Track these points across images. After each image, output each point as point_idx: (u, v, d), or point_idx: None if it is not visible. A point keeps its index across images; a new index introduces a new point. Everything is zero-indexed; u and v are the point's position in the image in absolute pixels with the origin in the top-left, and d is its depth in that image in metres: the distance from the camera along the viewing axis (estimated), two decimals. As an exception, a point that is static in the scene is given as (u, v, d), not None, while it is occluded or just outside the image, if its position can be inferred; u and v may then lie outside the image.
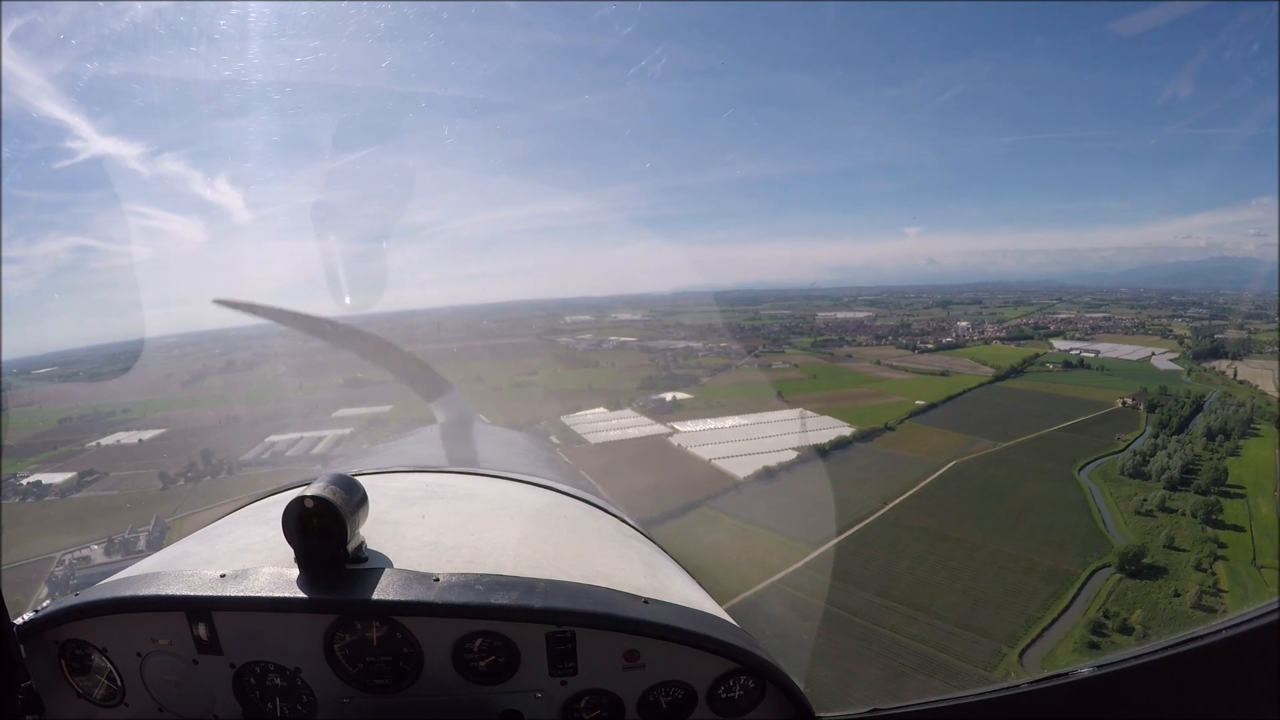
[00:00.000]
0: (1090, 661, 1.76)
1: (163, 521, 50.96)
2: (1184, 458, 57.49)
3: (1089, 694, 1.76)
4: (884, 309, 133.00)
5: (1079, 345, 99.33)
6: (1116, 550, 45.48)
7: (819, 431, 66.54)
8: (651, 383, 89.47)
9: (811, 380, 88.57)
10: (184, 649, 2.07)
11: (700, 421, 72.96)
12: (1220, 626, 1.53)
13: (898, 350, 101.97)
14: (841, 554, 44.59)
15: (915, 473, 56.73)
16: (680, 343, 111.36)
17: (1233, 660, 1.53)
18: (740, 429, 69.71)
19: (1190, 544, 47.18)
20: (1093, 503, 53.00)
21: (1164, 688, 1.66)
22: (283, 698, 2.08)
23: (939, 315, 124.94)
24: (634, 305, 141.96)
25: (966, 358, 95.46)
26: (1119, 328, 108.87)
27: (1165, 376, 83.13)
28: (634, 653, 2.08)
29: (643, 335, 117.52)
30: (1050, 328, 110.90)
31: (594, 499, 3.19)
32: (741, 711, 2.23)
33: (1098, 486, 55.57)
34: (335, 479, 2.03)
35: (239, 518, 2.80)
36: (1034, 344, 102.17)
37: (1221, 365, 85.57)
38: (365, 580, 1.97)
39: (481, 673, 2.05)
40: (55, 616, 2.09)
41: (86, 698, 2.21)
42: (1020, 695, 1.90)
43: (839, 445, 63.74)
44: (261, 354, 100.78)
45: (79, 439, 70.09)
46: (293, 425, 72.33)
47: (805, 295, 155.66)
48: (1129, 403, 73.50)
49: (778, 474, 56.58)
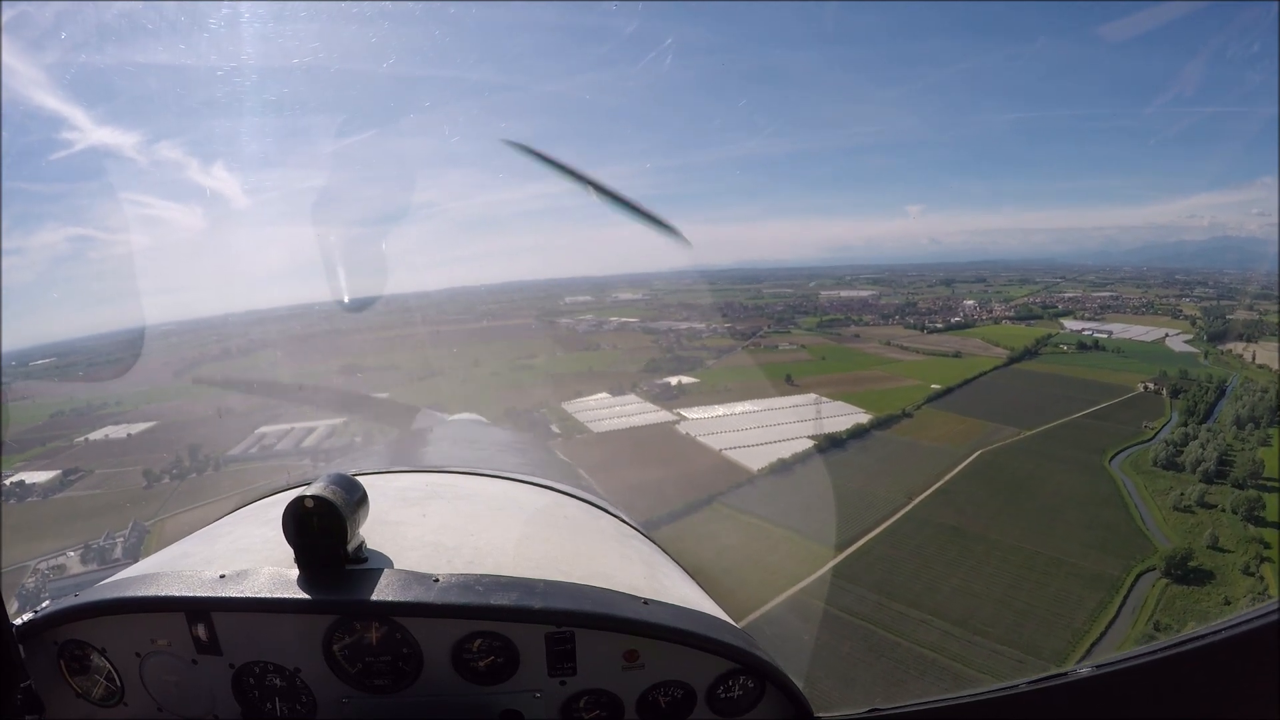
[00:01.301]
0: (1090, 661, 1.73)
1: (141, 525, 48.80)
2: (1218, 448, 54.18)
3: (1089, 694, 1.73)
4: (887, 288, 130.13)
5: (1090, 325, 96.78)
6: (1161, 553, 41.96)
7: (834, 419, 62.48)
8: (655, 366, 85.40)
9: (820, 362, 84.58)
10: (183, 649, 2.04)
11: (708, 408, 68.82)
12: (1220, 626, 1.52)
13: (906, 330, 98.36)
14: (869, 558, 40.77)
15: (939, 464, 52.87)
16: (683, 324, 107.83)
17: (1233, 660, 1.52)
18: (751, 416, 65.67)
19: (1235, 544, 43.85)
20: (1128, 497, 49.44)
21: (1164, 688, 1.63)
22: (282, 698, 2.04)
23: (944, 294, 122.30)
24: (635, 285, 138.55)
25: (977, 338, 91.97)
26: (1127, 307, 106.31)
27: (1182, 359, 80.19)
28: (633, 653, 2.04)
29: (644, 316, 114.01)
30: (1059, 307, 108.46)
31: (594, 499, 3.08)
32: (741, 711, 2.17)
33: (1131, 479, 52.14)
34: (335, 479, 1.99)
35: (239, 518, 2.73)
36: (1044, 324, 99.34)
37: (1237, 348, 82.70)
38: (365, 580, 1.94)
39: (481, 673, 2.01)
40: (55, 617, 2.07)
41: (86, 698, 2.17)
42: (1020, 695, 1.87)
43: (856, 434, 59.67)
44: (258, 340, 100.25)
45: (68, 434, 67.79)
46: (284, 415, 69.26)
47: (807, 274, 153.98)
48: (1151, 387, 70.37)
49: (793, 466, 52.45)
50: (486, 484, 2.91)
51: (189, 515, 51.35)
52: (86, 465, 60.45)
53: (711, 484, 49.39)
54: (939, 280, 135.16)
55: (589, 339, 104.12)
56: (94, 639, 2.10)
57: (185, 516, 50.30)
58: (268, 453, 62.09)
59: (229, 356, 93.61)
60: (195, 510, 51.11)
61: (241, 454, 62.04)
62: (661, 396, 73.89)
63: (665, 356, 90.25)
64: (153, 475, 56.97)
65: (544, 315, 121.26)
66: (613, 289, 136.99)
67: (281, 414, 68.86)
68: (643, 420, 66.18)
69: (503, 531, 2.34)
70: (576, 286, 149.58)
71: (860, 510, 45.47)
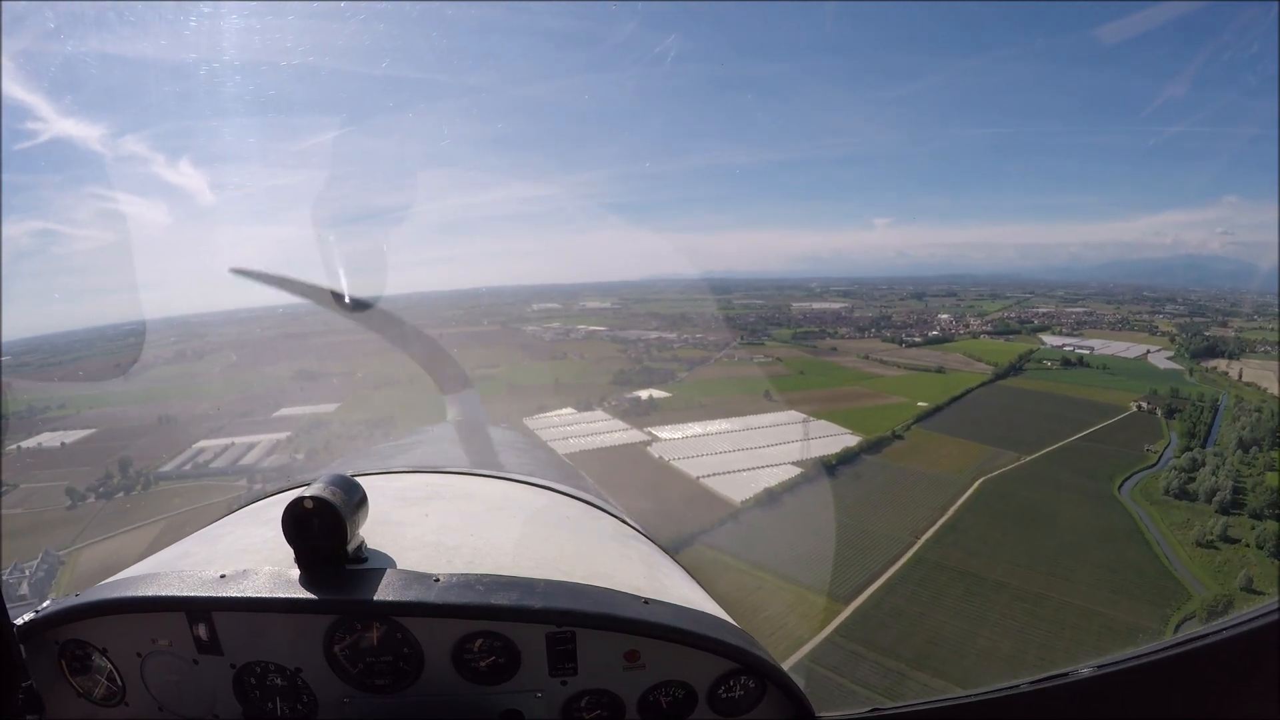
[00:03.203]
0: (1090, 661, 1.68)
1: (54, 555, 44.44)
2: (1229, 475, 50.02)
3: (1089, 694, 1.70)
4: (859, 300, 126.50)
5: (1070, 341, 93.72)
6: (1200, 600, 36.70)
7: (820, 440, 55.99)
8: (624, 378, 78.57)
9: (799, 377, 78.64)
10: (184, 649, 2.00)
11: (682, 426, 61.83)
12: (1220, 626, 1.49)
13: (884, 344, 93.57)
14: (880, 613, 34.09)
15: (941, 494, 46.78)
16: (653, 333, 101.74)
17: (1233, 660, 1.50)
18: (729, 436, 58.89)
19: (1269, 584, 39.18)
20: (1147, 531, 44.23)
21: (1164, 688, 1.61)
22: (283, 698, 2.00)
23: (916, 307, 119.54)
24: (604, 293, 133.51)
25: (958, 353, 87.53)
26: (1103, 323, 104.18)
27: (1167, 376, 77.41)
28: (634, 653, 2.00)
29: (613, 324, 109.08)
30: (1035, 322, 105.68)
31: (594, 499, 3.01)
32: (742, 711, 2.12)
33: (1144, 510, 47.16)
34: (335, 479, 1.95)
35: (239, 518, 2.68)
36: (1023, 339, 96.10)
37: (1221, 365, 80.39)
38: (365, 580, 1.90)
39: (481, 673, 1.97)
40: (55, 617, 2.04)
41: (87, 698, 2.14)
42: (1020, 695, 1.82)
43: (846, 458, 53.18)
44: (215, 343, 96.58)
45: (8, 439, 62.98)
46: (227, 429, 66.65)
47: (775, 285, 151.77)
48: (1144, 407, 66.44)
49: (781, 497, 45.61)
50: (487, 484, 2.85)
51: (106, 545, 46.97)
52: (12, 479, 56.54)
53: (690, 519, 42.06)
54: (909, 293, 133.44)
55: (555, 348, 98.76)
56: (95, 639, 2.08)
57: (101, 547, 46.21)
58: (202, 470, 57.87)
59: (183, 360, 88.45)
60: (114, 539, 47.03)
61: (174, 471, 57.56)
62: (631, 412, 67.02)
63: (635, 368, 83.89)
64: (77, 494, 52.25)
65: (509, 322, 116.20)
66: (581, 296, 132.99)
67: (225, 427, 66.28)
68: (611, 440, 58.98)
69: (503, 531, 2.29)
70: (544, 294, 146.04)
71: (862, 552, 39.00)
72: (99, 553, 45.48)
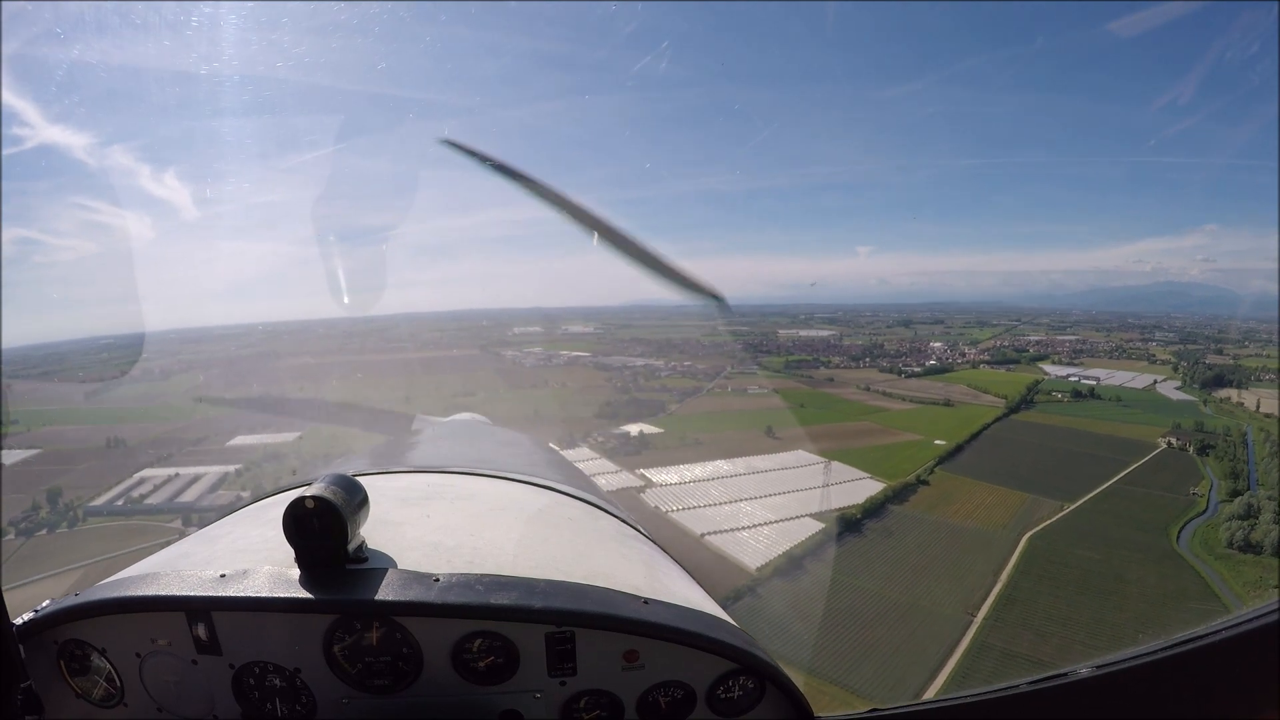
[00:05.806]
0: (1090, 661, 1.67)
1: None
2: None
3: (1089, 694, 1.68)
4: (845, 327, 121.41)
5: (1074, 371, 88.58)
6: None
7: (837, 486, 48.39)
8: (611, 409, 70.55)
9: (800, 410, 71.33)
10: (183, 649, 1.98)
11: (678, 468, 53.81)
12: (1220, 626, 1.48)
13: (881, 374, 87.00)
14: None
15: (987, 556, 39.35)
16: (639, 360, 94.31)
17: (1233, 660, 1.48)
18: (734, 482, 50.85)
19: None
20: (1223, 596, 37.24)
21: (1164, 688, 1.59)
22: (282, 698, 1.97)
23: (905, 335, 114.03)
24: (586, 317, 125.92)
25: (961, 384, 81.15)
26: (1098, 351, 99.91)
27: (1181, 408, 72.70)
28: (633, 653, 1.95)
29: (596, 350, 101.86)
30: (1031, 351, 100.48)
31: (595, 499, 2.93)
32: (741, 712, 2.07)
33: (1211, 567, 40.42)
34: (336, 479, 1.93)
35: (239, 518, 2.64)
36: (1023, 368, 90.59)
37: (1233, 395, 76.35)
38: (365, 581, 1.87)
39: (481, 673, 1.93)
40: (55, 617, 2.02)
41: (86, 698, 2.10)
42: (1020, 695, 1.80)
43: (871, 510, 45.57)
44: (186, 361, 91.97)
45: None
46: (174, 457, 61.68)
47: (759, 311, 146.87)
48: (1174, 443, 60.35)
49: (804, 562, 37.59)
50: (487, 484, 2.79)
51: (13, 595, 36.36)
52: (-59, 503, 50.64)
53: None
54: (896, 320, 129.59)
55: (536, 374, 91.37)
56: (94, 639, 2.04)
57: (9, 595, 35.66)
58: (134, 506, 52.35)
59: (149, 378, 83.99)
60: (22, 589, 37.28)
61: (106, 505, 52.18)
62: (620, 450, 58.92)
63: (622, 398, 76.04)
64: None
65: (489, 346, 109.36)
66: (564, 320, 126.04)
67: (173, 455, 61.68)
68: (600, 484, 50.68)
69: (503, 531, 2.23)
70: (526, 317, 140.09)
71: (913, 636, 31.38)
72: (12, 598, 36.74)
